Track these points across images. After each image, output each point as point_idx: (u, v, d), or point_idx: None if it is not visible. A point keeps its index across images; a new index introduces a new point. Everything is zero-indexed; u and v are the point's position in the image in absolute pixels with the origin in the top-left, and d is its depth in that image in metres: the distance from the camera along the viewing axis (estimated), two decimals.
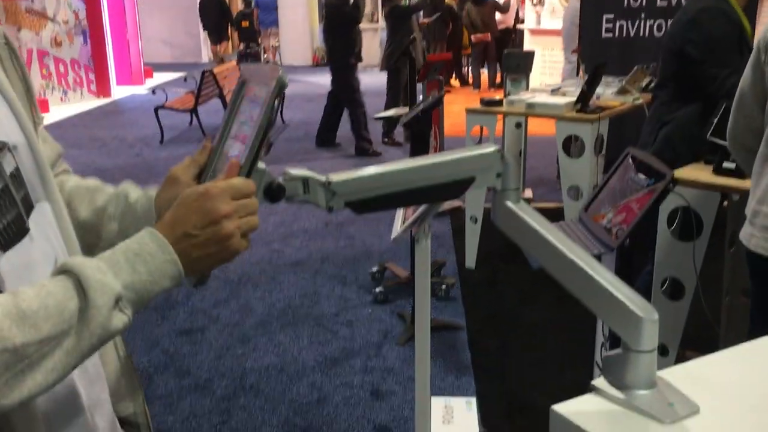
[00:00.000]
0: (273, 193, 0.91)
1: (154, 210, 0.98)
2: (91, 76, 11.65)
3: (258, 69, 0.97)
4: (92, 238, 1.01)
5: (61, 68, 11.07)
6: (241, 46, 14.51)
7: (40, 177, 0.90)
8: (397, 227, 2.08)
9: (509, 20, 11.55)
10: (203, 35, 17.02)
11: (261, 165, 0.91)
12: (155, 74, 14.06)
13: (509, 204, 0.98)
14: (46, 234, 0.90)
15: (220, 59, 16.29)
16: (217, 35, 16.13)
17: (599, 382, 0.99)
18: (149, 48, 15.84)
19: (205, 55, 17.02)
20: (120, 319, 0.77)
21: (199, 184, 0.90)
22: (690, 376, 1.02)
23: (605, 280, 0.94)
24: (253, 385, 2.98)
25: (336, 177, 0.93)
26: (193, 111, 8.14)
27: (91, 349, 0.76)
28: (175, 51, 17.01)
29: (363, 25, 15.83)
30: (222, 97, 8.09)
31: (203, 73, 8.09)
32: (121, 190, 1.03)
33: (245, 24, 14.15)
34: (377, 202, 0.95)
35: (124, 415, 1.02)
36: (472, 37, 11.15)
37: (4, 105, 0.87)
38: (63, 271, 0.77)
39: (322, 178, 0.93)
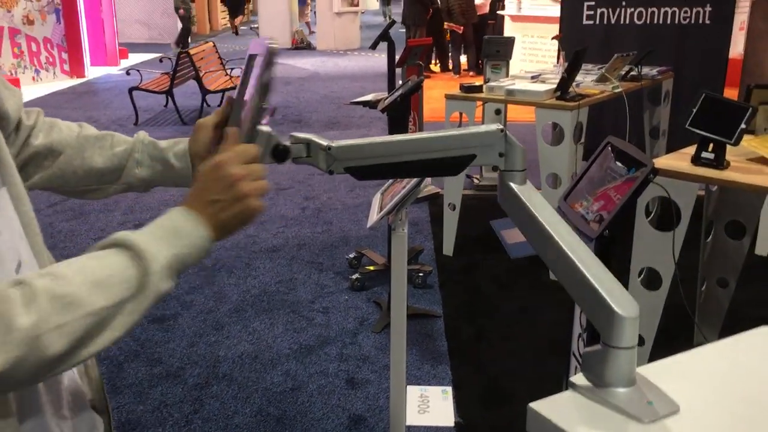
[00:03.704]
0: (279, 154, 0.98)
1: (189, 158, 1.07)
2: (65, 56, 11.41)
3: (262, 41, 1.05)
4: (110, 179, 1.10)
5: (33, 47, 10.83)
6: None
7: None
8: (374, 215, 2.04)
9: (485, 7, 11.52)
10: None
11: (266, 128, 0.98)
12: (130, 55, 13.82)
13: (512, 185, 0.97)
14: (7, 221, 0.87)
15: (235, 31, 17.75)
16: (234, 11, 17.43)
17: (578, 378, 0.96)
18: (125, 28, 15.57)
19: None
20: (167, 285, 0.85)
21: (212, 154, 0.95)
22: (670, 372, 0.99)
23: (590, 273, 0.91)
24: (227, 374, 2.94)
25: (336, 143, 0.98)
26: (169, 93, 8.00)
27: (145, 312, 0.83)
28: (151, 31, 16.74)
29: (342, 8, 15.69)
30: (198, 78, 7.94)
31: (179, 54, 7.95)
32: (141, 137, 1.11)
33: None
34: (375, 170, 0.99)
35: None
36: (445, 24, 11.12)
37: None
38: (113, 245, 0.83)
39: (324, 142, 0.98)
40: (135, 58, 13.55)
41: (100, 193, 1.12)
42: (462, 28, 10.90)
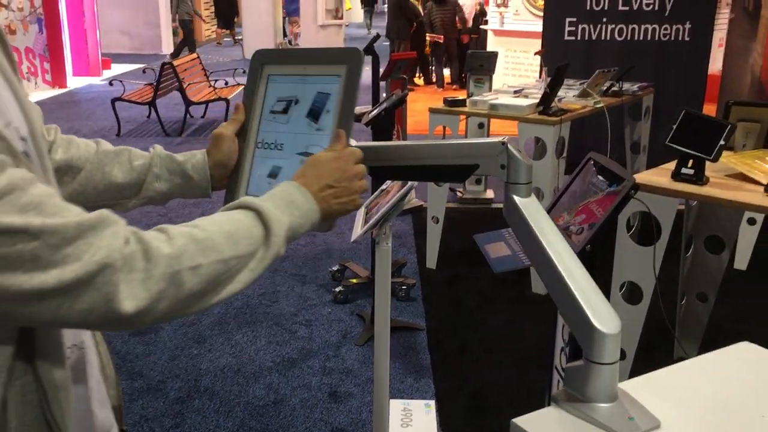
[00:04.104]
0: None
1: (207, 169, 1.10)
2: (47, 66, 11.33)
3: (279, 52, 1.15)
4: (129, 194, 1.13)
5: (15, 57, 10.74)
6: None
7: (42, 166, 0.89)
8: (358, 229, 2.04)
9: (468, 22, 11.61)
10: (164, 26, 16.79)
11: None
12: (113, 65, 13.75)
13: (515, 197, 1.01)
14: None
15: (234, 40, 18.82)
16: (224, 21, 18.04)
17: (560, 393, 0.97)
18: (107, 38, 15.49)
19: (165, 46, 16.74)
20: (283, 249, 0.93)
21: (316, 154, 1.04)
22: (652, 388, 1.01)
23: (576, 288, 0.93)
24: (208, 387, 2.91)
25: (361, 143, 1.09)
26: (152, 104, 7.97)
27: (263, 271, 0.90)
28: (134, 42, 16.67)
29: (326, 21, 15.72)
30: (182, 90, 7.92)
31: (163, 65, 7.92)
32: (158, 150, 1.13)
33: None
34: (391, 171, 1.11)
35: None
36: (427, 36, 11.20)
37: (9, 94, 0.86)
38: (239, 207, 0.92)
39: (350, 142, 1.08)
40: (118, 69, 13.49)
41: (118, 208, 1.13)
42: (443, 37, 10.99)
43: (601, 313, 0.91)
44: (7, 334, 0.81)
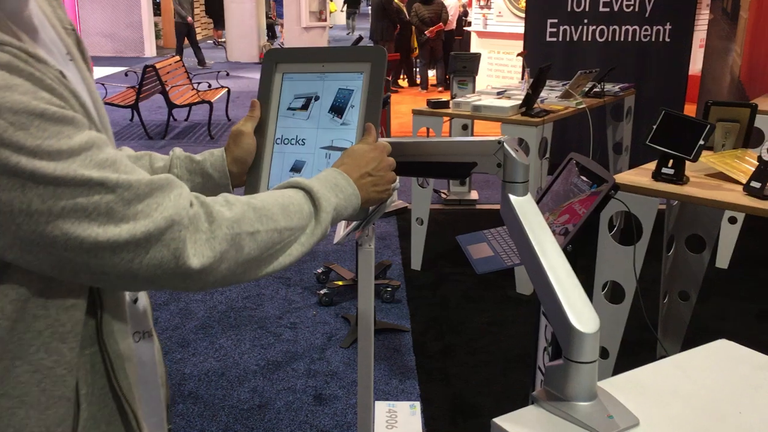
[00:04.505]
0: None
1: (227, 165, 1.11)
2: None
3: (293, 51, 1.16)
4: None
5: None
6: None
7: None
8: (340, 230, 2.04)
9: (452, 24, 11.65)
10: (146, 29, 16.70)
11: None
12: (95, 68, 13.66)
13: (510, 196, 1.03)
14: None
15: (216, 42, 19.47)
16: (215, 20, 18.44)
17: (540, 392, 0.98)
18: (89, 41, 15.41)
19: (148, 49, 16.64)
20: (329, 228, 0.98)
21: (357, 144, 1.08)
22: (631, 386, 1.02)
23: (559, 287, 0.93)
24: (192, 392, 2.90)
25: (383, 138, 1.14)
26: (134, 107, 7.92)
27: (311, 247, 0.95)
28: (116, 45, 16.57)
29: (310, 23, 15.71)
30: (165, 92, 7.88)
31: (145, 68, 7.88)
32: (177, 152, 1.15)
33: None
34: (402, 168, 1.13)
35: None
36: (427, 32, 11.13)
37: (87, 95, 0.88)
38: (288, 186, 0.97)
39: None
40: (100, 72, 13.40)
41: None
42: (441, 25, 10.99)
43: (580, 313, 0.91)
44: (77, 298, 0.84)
